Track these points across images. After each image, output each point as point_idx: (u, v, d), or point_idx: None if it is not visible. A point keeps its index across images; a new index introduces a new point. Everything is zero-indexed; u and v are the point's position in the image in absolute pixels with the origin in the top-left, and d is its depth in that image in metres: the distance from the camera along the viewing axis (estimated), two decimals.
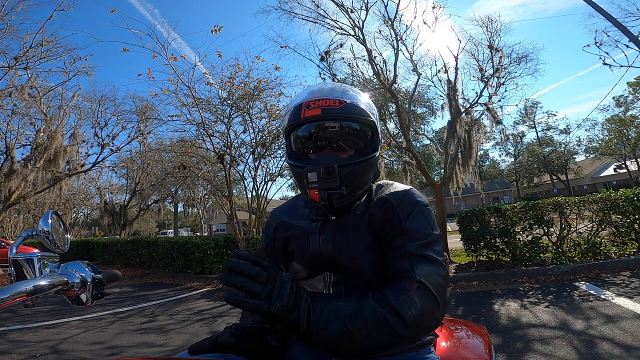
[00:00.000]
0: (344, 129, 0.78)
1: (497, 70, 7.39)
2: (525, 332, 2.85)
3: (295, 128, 0.81)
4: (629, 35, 6.70)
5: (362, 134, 0.80)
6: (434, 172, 25.76)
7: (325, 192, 0.73)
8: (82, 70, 10.57)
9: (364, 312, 0.61)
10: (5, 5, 9.01)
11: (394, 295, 0.63)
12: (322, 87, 0.83)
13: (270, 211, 1.07)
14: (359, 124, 0.79)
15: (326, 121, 0.77)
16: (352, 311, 0.61)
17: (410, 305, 0.62)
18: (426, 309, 0.63)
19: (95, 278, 0.77)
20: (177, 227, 31.01)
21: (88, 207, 26.29)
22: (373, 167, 0.83)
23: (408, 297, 0.63)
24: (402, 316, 0.61)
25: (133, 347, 3.36)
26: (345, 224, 0.80)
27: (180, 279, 7.86)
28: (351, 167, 0.76)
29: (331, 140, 0.78)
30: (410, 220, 0.75)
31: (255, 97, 7.65)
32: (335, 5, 7.21)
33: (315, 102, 0.77)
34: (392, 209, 0.77)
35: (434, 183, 7.36)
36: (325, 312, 0.59)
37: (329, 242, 0.79)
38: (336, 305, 0.61)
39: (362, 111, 0.79)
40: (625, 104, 30.23)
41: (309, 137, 0.79)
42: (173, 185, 15.85)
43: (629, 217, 4.87)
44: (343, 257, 0.77)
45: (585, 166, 38.05)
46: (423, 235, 0.73)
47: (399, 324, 0.61)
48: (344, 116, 0.77)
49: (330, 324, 0.59)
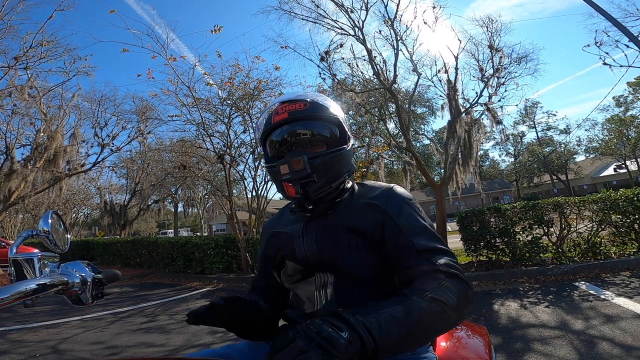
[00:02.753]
0: (310, 127, 0.83)
1: (497, 70, 7.39)
2: (525, 332, 2.85)
3: (269, 134, 0.87)
4: (629, 35, 6.70)
5: (329, 130, 0.85)
6: (434, 172, 25.76)
7: (298, 182, 0.78)
8: (82, 70, 10.58)
9: (413, 310, 0.62)
10: (5, 5, 9.01)
11: (432, 288, 0.67)
12: (291, 94, 0.90)
13: (270, 214, 1.10)
14: (324, 121, 0.85)
15: (293, 122, 0.83)
16: (403, 313, 0.62)
17: (449, 292, 0.67)
18: (461, 292, 0.68)
19: (95, 278, 0.77)
20: (177, 227, 31.01)
21: (88, 207, 26.28)
22: (345, 160, 0.86)
23: (443, 287, 0.67)
24: (447, 304, 0.65)
25: (133, 347, 3.36)
26: (328, 224, 0.82)
27: (180, 279, 7.86)
28: (321, 158, 0.80)
29: (302, 140, 0.83)
30: (402, 217, 0.79)
31: (255, 97, 7.66)
32: (335, 5, 7.22)
33: (282, 108, 0.84)
34: (380, 211, 0.80)
35: (434, 183, 7.36)
36: (383, 323, 0.59)
37: (313, 243, 0.81)
38: (387, 312, 0.62)
39: (325, 109, 0.85)
40: (625, 104, 30.25)
41: (281, 140, 0.84)
42: (173, 185, 15.86)
43: (629, 217, 4.87)
44: (328, 256, 0.79)
45: (585, 166, 38.05)
46: (420, 229, 0.77)
47: (446, 312, 0.65)
48: (309, 115, 0.83)
49: (392, 331, 0.59)
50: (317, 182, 0.79)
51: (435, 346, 0.89)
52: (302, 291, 0.83)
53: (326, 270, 0.80)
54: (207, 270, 7.75)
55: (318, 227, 0.83)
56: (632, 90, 29.21)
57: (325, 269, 0.80)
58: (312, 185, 0.79)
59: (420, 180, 23.39)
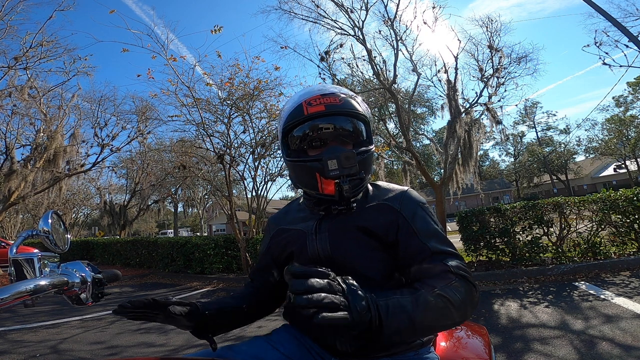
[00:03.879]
0: (348, 123, 0.82)
1: (496, 70, 7.40)
2: (525, 332, 2.85)
3: (297, 126, 0.82)
4: (629, 35, 6.71)
5: (361, 127, 0.84)
6: (434, 172, 25.78)
7: (346, 179, 0.75)
8: (81, 70, 10.59)
9: (421, 302, 0.63)
10: (5, 5, 9.02)
11: (440, 285, 0.68)
12: (320, 87, 0.86)
13: (270, 214, 1.10)
14: (357, 119, 0.84)
15: (331, 116, 0.80)
16: (412, 303, 0.62)
17: (456, 291, 0.68)
18: (468, 293, 0.70)
19: (95, 278, 0.77)
20: (177, 227, 31.01)
21: (88, 207, 26.29)
22: (373, 159, 0.89)
23: (452, 286, 0.69)
24: (453, 302, 0.66)
25: (133, 347, 3.36)
26: (341, 223, 0.82)
27: (180, 279, 7.86)
28: (364, 154, 0.81)
29: (335, 135, 0.81)
30: (417, 220, 0.80)
31: (255, 97, 7.65)
32: (334, 5, 7.23)
33: (317, 100, 0.80)
34: (395, 213, 0.81)
35: (434, 183, 7.36)
36: (391, 307, 0.60)
37: (326, 241, 0.81)
38: (397, 299, 0.62)
39: (358, 107, 0.84)
40: (625, 104, 30.26)
41: (314, 133, 0.81)
42: (173, 185, 15.84)
43: (629, 217, 4.87)
44: (340, 256, 0.79)
45: (585, 166, 38.07)
46: (433, 233, 0.79)
47: (450, 309, 0.66)
48: (345, 111, 0.81)
49: (397, 317, 0.60)
50: (363, 180, 0.80)
51: (436, 346, 0.89)
52: None
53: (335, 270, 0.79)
54: (207, 271, 7.75)
55: (331, 225, 0.82)
56: (632, 90, 29.22)
57: (336, 269, 0.80)
58: (357, 182, 0.78)
59: (420, 180, 23.39)
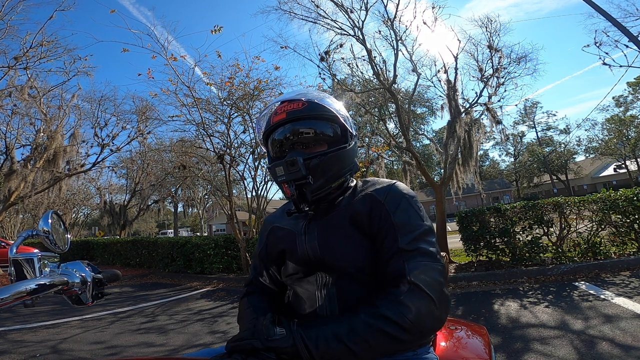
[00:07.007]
0: (308, 127, 0.82)
1: (496, 70, 7.39)
2: (524, 332, 2.85)
3: (269, 135, 0.86)
4: (629, 35, 6.70)
5: (328, 128, 0.83)
6: (434, 172, 25.78)
7: (293, 184, 0.77)
8: (82, 70, 10.60)
9: (358, 328, 0.63)
10: (5, 5, 9.02)
11: (385, 304, 0.65)
12: (293, 93, 0.88)
13: (269, 214, 1.10)
14: (323, 120, 0.83)
15: (291, 122, 0.82)
16: (347, 329, 0.63)
17: (403, 310, 0.63)
18: (422, 309, 0.64)
19: (95, 278, 0.77)
20: (177, 227, 31.01)
21: (88, 207, 26.27)
22: (346, 159, 0.84)
23: (399, 302, 0.64)
24: (399, 323, 0.62)
25: (133, 347, 3.36)
26: (330, 222, 0.81)
27: (180, 279, 7.86)
28: (318, 159, 0.79)
29: (301, 139, 0.82)
30: (399, 213, 0.76)
31: (255, 97, 7.65)
32: (334, 5, 7.22)
33: (281, 108, 0.84)
34: (378, 203, 0.78)
35: (434, 183, 7.35)
36: (322, 336, 0.62)
37: (315, 242, 0.80)
38: (330, 327, 0.64)
39: (324, 108, 0.83)
40: (625, 104, 30.28)
41: (281, 141, 0.84)
42: (173, 185, 15.84)
43: (629, 217, 4.87)
44: (330, 256, 0.78)
45: (585, 166, 38.08)
46: (413, 228, 0.73)
47: (397, 331, 0.62)
48: (307, 115, 0.81)
49: (330, 346, 0.61)
50: (312, 184, 0.78)
51: (435, 346, 0.89)
52: (302, 290, 0.82)
53: (327, 270, 0.79)
54: (207, 271, 7.75)
55: (320, 226, 0.82)
56: (632, 90, 29.23)
57: (326, 269, 0.79)
58: (308, 186, 0.78)
59: (420, 180, 23.38)
